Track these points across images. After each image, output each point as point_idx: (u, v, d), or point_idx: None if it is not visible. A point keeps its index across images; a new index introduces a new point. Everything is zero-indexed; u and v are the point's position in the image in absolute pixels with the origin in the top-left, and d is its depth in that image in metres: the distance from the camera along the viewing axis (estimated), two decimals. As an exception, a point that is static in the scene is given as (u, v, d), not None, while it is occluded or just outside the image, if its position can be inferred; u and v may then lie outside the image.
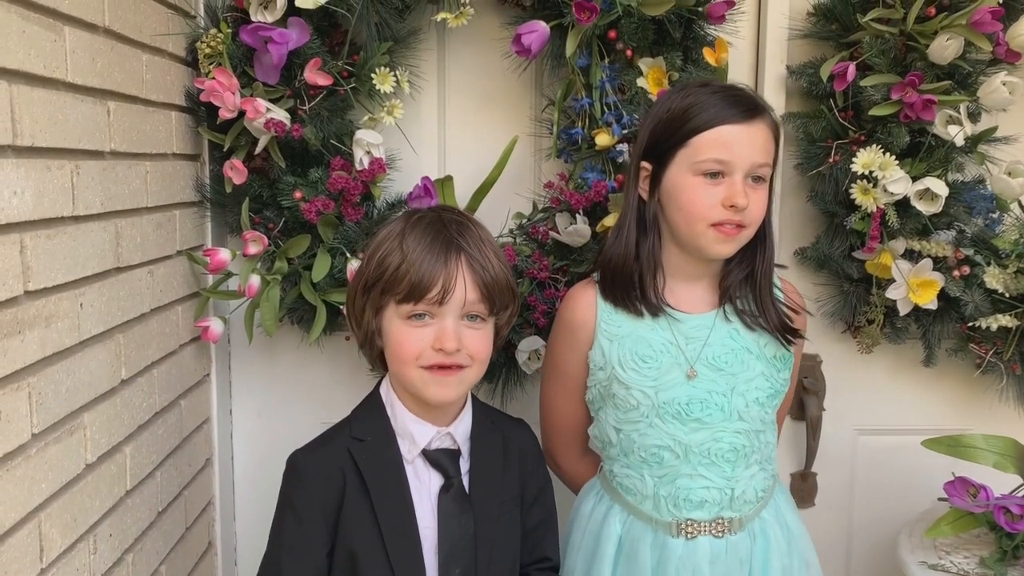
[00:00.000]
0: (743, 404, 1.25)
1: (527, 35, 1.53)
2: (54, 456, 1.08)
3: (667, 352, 1.25)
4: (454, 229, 1.15)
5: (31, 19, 1.03)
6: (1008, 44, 1.54)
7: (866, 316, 1.70)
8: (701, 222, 1.21)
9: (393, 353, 1.14)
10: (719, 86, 1.25)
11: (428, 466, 1.17)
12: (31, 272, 1.03)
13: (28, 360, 1.03)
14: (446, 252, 1.12)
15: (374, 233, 1.21)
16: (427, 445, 1.17)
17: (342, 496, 1.13)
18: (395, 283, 1.11)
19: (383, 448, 1.16)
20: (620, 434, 1.28)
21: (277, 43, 1.47)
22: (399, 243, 1.13)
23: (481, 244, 1.16)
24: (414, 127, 1.71)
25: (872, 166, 1.53)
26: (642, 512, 1.28)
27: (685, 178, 1.21)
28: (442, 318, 1.12)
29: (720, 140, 1.19)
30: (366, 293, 1.15)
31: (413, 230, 1.14)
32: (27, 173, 1.03)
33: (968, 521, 1.49)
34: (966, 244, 1.63)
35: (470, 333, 1.14)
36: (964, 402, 1.82)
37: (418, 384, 1.13)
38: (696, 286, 1.29)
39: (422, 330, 1.12)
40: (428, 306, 1.11)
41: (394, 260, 1.12)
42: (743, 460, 1.26)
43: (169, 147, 1.48)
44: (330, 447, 1.17)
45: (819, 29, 1.65)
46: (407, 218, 1.18)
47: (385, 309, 1.14)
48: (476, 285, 1.13)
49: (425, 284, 1.10)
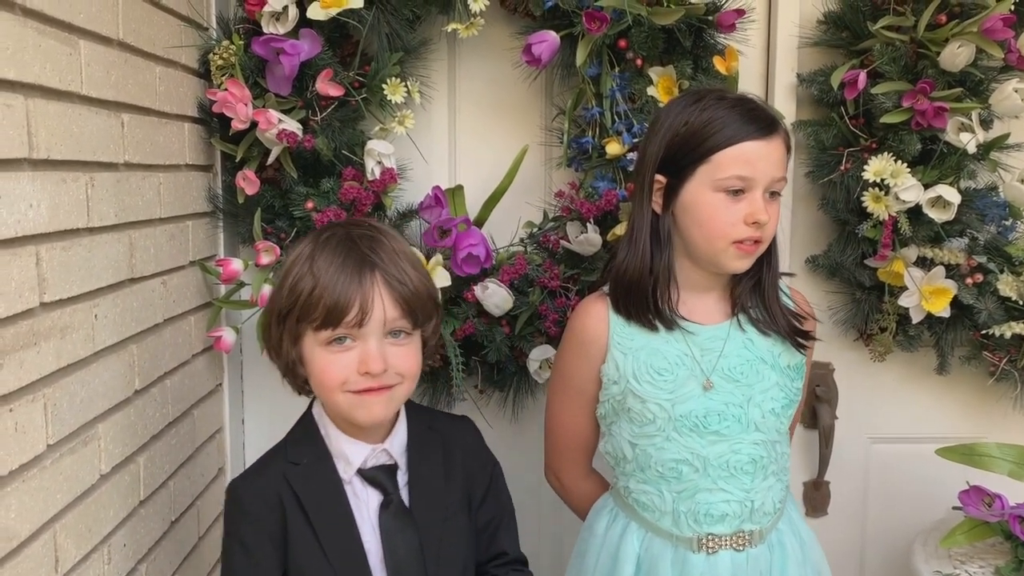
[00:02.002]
0: (759, 415, 1.24)
1: (537, 45, 1.53)
2: (69, 467, 1.09)
3: (683, 364, 1.24)
4: (365, 245, 1.09)
5: (47, 33, 1.04)
6: (1020, 51, 1.53)
7: (878, 324, 1.69)
8: (722, 239, 1.20)
9: (317, 382, 1.10)
10: (735, 99, 1.22)
11: (366, 485, 1.15)
12: (47, 284, 1.04)
13: (44, 371, 1.03)
14: (360, 271, 1.07)
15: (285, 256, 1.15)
16: (362, 464, 1.14)
17: (285, 521, 1.11)
18: (310, 310, 1.06)
19: (320, 470, 1.13)
20: (636, 449, 1.27)
21: (289, 54, 1.48)
22: (309, 267, 1.07)
23: (395, 257, 1.10)
24: (425, 137, 1.72)
25: (884, 174, 1.53)
26: (661, 529, 1.27)
27: (705, 194, 1.20)
28: (364, 340, 1.07)
29: (743, 157, 1.18)
30: (281, 323, 1.10)
31: (322, 251, 1.08)
32: (43, 186, 1.03)
33: (983, 530, 1.48)
34: (979, 251, 1.63)
35: (395, 351, 1.10)
36: (978, 410, 1.81)
37: (346, 409, 1.10)
38: (708, 297, 1.29)
39: (345, 354, 1.07)
40: (348, 330, 1.06)
41: (306, 285, 1.06)
42: (761, 471, 1.25)
43: (182, 158, 1.49)
44: (267, 473, 1.14)
45: (829, 37, 1.65)
46: (315, 238, 1.12)
47: (303, 337, 1.09)
48: (395, 301, 1.08)
49: (341, 307, 1.05)
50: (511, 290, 1.58)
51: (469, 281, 1.60)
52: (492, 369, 1.66)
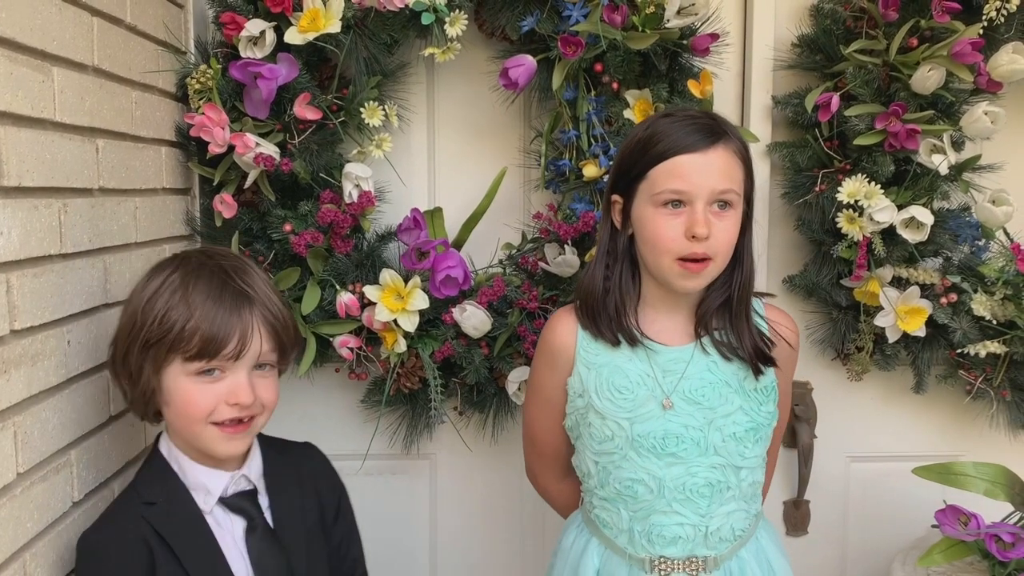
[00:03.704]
0: (720, 439, 1.23)
1: (514, 69, 1.55)
2: (40, 495, 1.08)
3: (643, 384, 1.24)
4: (239, 278, 1.11)
5: (19, 61, 1.05)
6: (989, 74, 1.55)
7: (855, 343, 1.70)
8: (666, 255, 1.19)
9: (179, 412, 1.10)
10: (682, 115, 1.22)
11: (228, 512, 1.15)
12: (17, 311, 1.03)
13: (14, 399, 1.03)
14: (238, 305, 1.08)
15: (140, 282, 1.14)
16: (223, 493, 1.15)
17: (151, 565, 1.09)
18: (183, 341, 1.06)
19: (178, 506, 1.13)
20: (598, 466, 1.27)
21: (266, 78, 1.49)
22: (182, 297, 1.08)
23: (266, 289, 1.13)
24: (404, 159, 1.73)
25: (857, 195, 1.54)
26: (617, 547, 1.27)
27: (648, 210, 1.20)
28: (234, 372, 1.10)
29: (676, 171, 1.17)
30: (145, 350, 1.08)
31: (196, 281, 1.09)
32: (14, 213, 1.03)
33: (960, 549, 1.48)
34: (953, 271, 1.64)
35: (261, 382, 1.13)
36: (955, 428, 1.82)
37: (207, 441, 1.11)
38: (675, 316, 1.28)
39: (213, 386, 1.09)
40: (221, 362, 1.08)
41: (178, 316, 1.07)
42: (718, 496, 1.24)
43: (159, 182, 1.49)
44: (123, 519, 1.12)
45: (804, 60, 1.67)
46: (183, 267, 1.11)
47: (168, 366, 1.09)
48: (270, 335, 1.11)
49: (220, 340, 1.07)
50: (490, 311, 1.59)
51: (447, 303, 1.60)
52: (471, 391, 1.67)
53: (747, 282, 1.27)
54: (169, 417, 1.13)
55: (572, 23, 1.52)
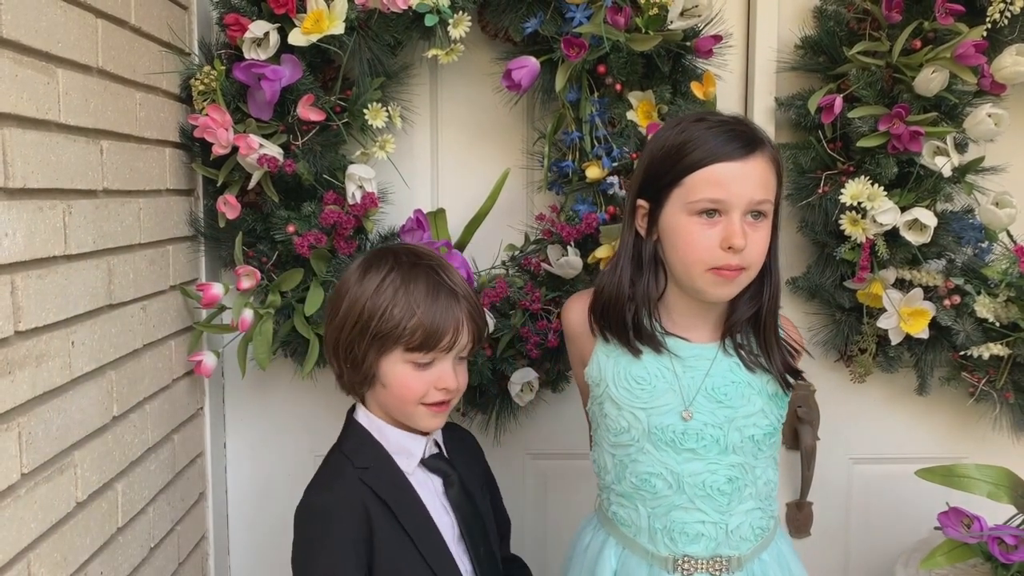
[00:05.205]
0: (738, 439, 1.22)
1: (517, 70, 1.55)
2: (44, 496, 1.09)
3: (662, 377, 1.23)
4: (448, 277, 1.23)
5: (24, 63, 1.05)
6: (993, 76, 1.55)
7: (858, 345, 1.70)
8: (698, 265, 1.16)
9: (396, 393, 1.22)
10: (716, 120, 1.19)
11: (427, 472, 1.27)
12: (22, 312, 1.04)
13: (18, 400, 1.03)
14: (450, 303, 1.21)
15: (354, 276, 1.23)
16: (423, 455, 1.27)
17: (370, 525, 1.19)
18: (407, 334, 1.18)
19: (387, 471, 1.24)
20: (615, 459, 1.26)
21: (270, 80, 1.49)
22: (404, 295, 1.19)
23: (465, 286, 1.25)
24: (407, 161, 1.73)
25: (861, 197, 1.54)
26: (637, 545, 1.26)
27: (680, 218, 1.16)
28: (442, 361, 1.22)
29: (714, 179, 1.14)
30: (372, 341, 1.20)
31: (415, 281, 1.20)
32: (18, 214, 1.04)
33: (963, 552, 1.48)
34: (956, 273, 1.64)
35: (459, 369, 1.26)
36: (958, 430, 1.82)
37: (418, 418, 1.24)
38: (698, 320, 1.26)
39: (425, 372, 1.22)
40: (437, 353, 1.21)
41: (403, 312, 1.18)
42: (738, 493, 1.23)
43: (163, 183, 1.49)
44: (343, 483, 1.22)
45: (807, 62, 1.67)
46: (398, 266, 1.22)
47: (389, 354, 1.21)
48: (472, 329, 1.24)
49: (439, 335, 1.19)
50: (493, 313, 1.59)
51: (450, 304, 1.60)
52: (474, 392, 1.67)
53: (776, 293, 1.24)
54: (384, 396, 1.24)
55: (575, 25, 1.52)
